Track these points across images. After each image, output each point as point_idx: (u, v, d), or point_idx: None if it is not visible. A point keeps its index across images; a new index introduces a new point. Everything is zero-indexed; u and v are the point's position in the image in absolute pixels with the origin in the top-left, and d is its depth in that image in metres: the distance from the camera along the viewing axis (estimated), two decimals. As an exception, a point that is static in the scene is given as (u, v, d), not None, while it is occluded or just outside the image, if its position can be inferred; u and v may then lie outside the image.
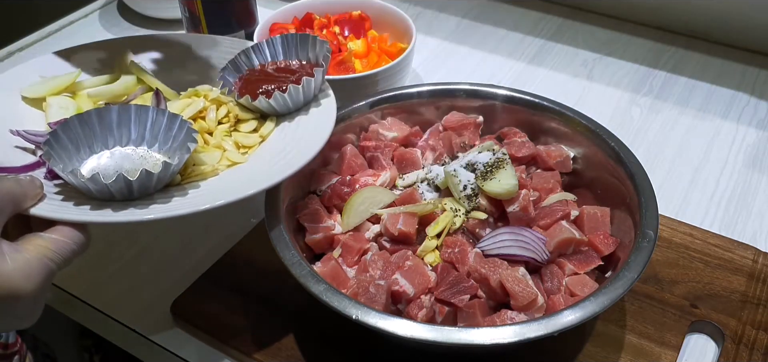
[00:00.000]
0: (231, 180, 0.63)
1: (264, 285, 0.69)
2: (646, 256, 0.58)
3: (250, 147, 0.68)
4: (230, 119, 0.70)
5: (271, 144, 0.68)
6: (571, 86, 0.98)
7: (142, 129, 0.64)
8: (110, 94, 0.71)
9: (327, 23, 0.94)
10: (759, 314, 0.65)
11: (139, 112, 0.63)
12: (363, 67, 0.88)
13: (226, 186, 0.61)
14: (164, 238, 0.76)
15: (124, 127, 0.63)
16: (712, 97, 0.96)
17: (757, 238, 0.75)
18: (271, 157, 0.65)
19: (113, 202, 0.56)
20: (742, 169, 0.84)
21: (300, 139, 0.66)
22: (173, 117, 0.63)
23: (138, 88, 0.73)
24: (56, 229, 0.52)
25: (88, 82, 0.72)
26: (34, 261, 0.49)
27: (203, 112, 0.69)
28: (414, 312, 0.59)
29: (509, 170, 0.66)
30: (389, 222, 0.64)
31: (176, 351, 0.66)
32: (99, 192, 0.56)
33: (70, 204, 0.55)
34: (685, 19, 1.06)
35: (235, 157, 0.66)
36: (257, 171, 0.63)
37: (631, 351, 0.62)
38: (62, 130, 0.59)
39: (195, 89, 0.72)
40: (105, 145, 0.63)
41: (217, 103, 0.70)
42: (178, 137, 0.63)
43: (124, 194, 0.56)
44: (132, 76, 0.73)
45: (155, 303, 0.70)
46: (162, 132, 0.64)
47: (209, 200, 0.57)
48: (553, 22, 1.11)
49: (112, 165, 0.61)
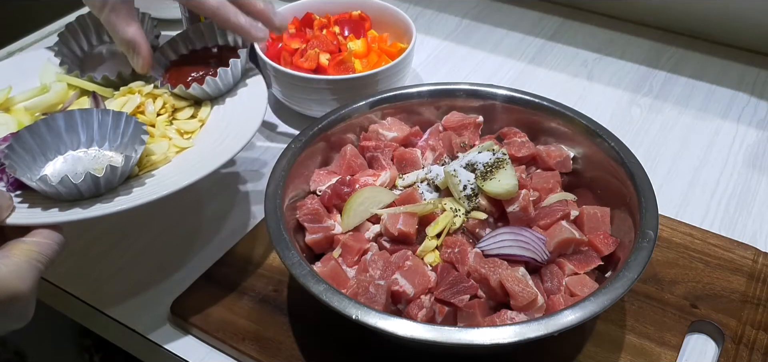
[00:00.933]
0: (184, 164, 0.66)
1: (264, 285, 0.69)
2: (646, 256, 0.58)
3: (192, 132, 0.72)
4: (167, 109, 0.74)
5: (212, 125, 0.72)
6: (571, 86, 0.98)
7: (90, 131, 0.67)
8: (45, 104, 0.73)
9: (327, 23, 0.94)
10: (759, 314, 0.65)
11: (84, 115, 0.67)
12: (363, 67, 0.88)
13: (182, 171, 0.64)
14: (164, 238, 0.76)
15: (73, 132, 0.66)
16: (712, 97, 0.96)
17: (757, 238, 0.75)
18: (216, 138, 0.69)
19: (81, 201, 0.59)
20: (742, 169, 0.84)
21: (239, 116, 0.72)
22: (118, 114, 0.67)
23: (71, 94, 0.75)
24: (35, 233, 0.55)
25: (19, 97, 0.74)
26: (24, 263, 0.52)
27: (141, 107, 0.73)
28: (414, 312, 0.59)
29: (509, 170, 0.66)
30: (389, 222, 0.64)
31: (176, 351, 0.66)
32: (68, 194, 0.59)
33: (38, 209, 0.58)
34: (685, 19, 1.06)
35: (181, 143, 0.70)
36: (207, 152, 0.67)
37: (631, 351, 0.62)
38: (16, 143, 0.62)
39: (129, 86, 0.75)
40: (57, 152, 0.65)
41: (152, 96, 0.74)
42: (127, 132, 0.66)
43: (92, 191, 0.60)
44: (62, 84, 0.75)
45: (155, 303, 0.70)
46: (110, 130, 0.67)
47: (171, 185, 0.61)
48: (553, 22, 1.11)
49: (67, 169, 0.64)
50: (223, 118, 0.73)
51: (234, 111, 0.73)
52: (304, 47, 0.89)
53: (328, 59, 0.87)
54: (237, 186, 0.83)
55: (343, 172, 0.71)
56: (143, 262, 0.74)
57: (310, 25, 0.94)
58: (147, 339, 0.67)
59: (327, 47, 0.88)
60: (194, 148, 0.69)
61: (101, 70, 0.79)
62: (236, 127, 0.69)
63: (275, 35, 0.93)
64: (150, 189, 0.61)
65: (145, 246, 0.75)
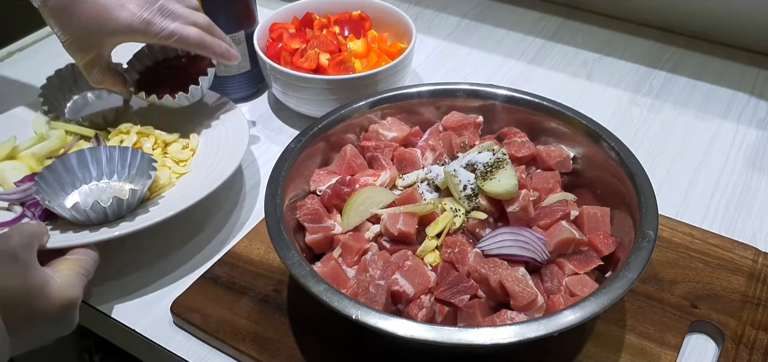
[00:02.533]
0: (188, 187, 0.75)
1: (264, 285, 0.69)
2: (646, 256, 0.58)
3: (186, 160, 0.81)
4: (159, 144, 0.82)
5: (203, 152, 0.81)
6: (570, 86, 0.98)
7: (100, 166, 0.76)
8: (49, 149, 0.81)
9: (327, 23, 0.94)
10: (759, 314, 0.65)
11: (94, 153, 0.76)
12: (363, 67, 0.88)
13: (187, 193, 0.73)
14: (164, 239, 0.76)
15: (85, 168, 0.76)
16: (712, 97, 0.96)
17: (757, 238, 0.75)
18: (210, 161, 0.78)
19: (107, 223, 0.69)
20: (742, 168, 0.84)
21: (227, 140, 0.80)
22: (124, 149, 0.76)
23: (71, 139, 0.83)
24: (74, 252, 0.63)
25: (22, 145, 0.81)
26: (73, 275, 0.60)
27: (137, 144, 0.81)
28: (414, 312, 0.59)
29: (509, 170, 0.66)
30: (389, 222, 0.64)
31: (176, 351, 0.66)
32: (96, 218, 0.68)
33: (70, 232, 0.68)
34: (685, 19, 1.06)
35: (180, 170, 0.79)
36: (205, 174, 0.77)
37: (631, 351, 0.62)
38: (41, 180, 0.71)
39: (118, 128, 0.83)
40: (73, 186, 0.75)
41: (144, 134, 0.83)
42: (134, 164, 0.76)
43: (116, 214, 0.69)
44: (60, 131, 0.82)
45: (155, 303, 0.70)
46: (117, 164, 0.76)
47: (181, 203, 0.70)
48: (553, 22, 1.11)
49: (84, 200, 0.74)
50: (212, 144, 0.81)
51: (219, 138, 0.82)
52: (304, 47, 0.89)
53: (328, 59, 0.88)
54: (237, 186, 0.83)
55: (343, 172, 0.71)
56: (143, 262, 0.74)
57: (310, 25, 0.94)
58: (147, 339, 0.67)
59: (327, 47, 0.88)
60: (192, 173, 0.78)
61: (85, 114, 0.87)
62: (226, 153, 0.78)
63: (275, 35, 0.93)
64: (163, 208, 0.71)
65: (145, 246, 0.75)
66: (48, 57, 1.08)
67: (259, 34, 0.91)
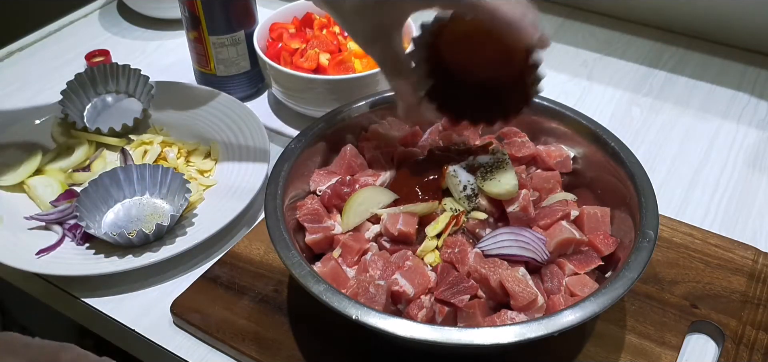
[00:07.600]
0: (219, 201, 0.77)
1: (264, 285, 0.69)
2: (646, 256, 0.58)
3: (209, 170, 0.82)
4: (182, 153, 0.83)
5: (224, 159, 0.83)
6: (571, 86, 0.98)
7: (132, 185, 0.78)
8: (75, 162, 0.83)
9: (327, 23, 0.94)
10: (759, 314, 0.65)
11: (126, 172, 0.78)
12: (363, 67, 0.88)
13: (220, 207, 0.76)
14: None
15: (117, 188, 0.78)
16: (712, 97, 0.96)
17: (757, 238, 0.75)
18: (234, 170, 0.81)
19: (149, 244, 0.72)
20: (742, 168, 0.84)
21: (247, 145, 0.82)
22: (155, 168, 0.78)
23: (95, 150, 0.84)
24: None
25: (44, 158, 0.82)
26: None
27: (162, 154, 0.83)
28: (414, 313, 0.59)
29: (509, 170, 0.66)
30: (389, 222, 0.64)
31: (176, 351, 0.66)
32: (139, 241, 0.72)
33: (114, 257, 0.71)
34: (685, 19, 1.06)
35: (206, 181, 0.81)
36: (232, 186, 0.79)
37: (631, 351, 0.62)
38: (79, 204, 0.73)
39: (140, 138, 0.84)
40: (107, 205, 0.77)
41: (167, 144, 0.83)
42: (165, 182, 0.78)
43: (156, 235, 0.72)
44: (84, 144, 0.84)
45: (155, 303, 0.70)
46: (148, 182, 0.78)
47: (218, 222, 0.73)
48: (553, 22, 1.11)
49: (122, 217, 0.77)
50: (232, 151, 0.83)
51: (240, 148, 0.83)
52: (304, 47, 0.89)
53: (328, 59, 0.87)
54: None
55: (343, 172, 0.71)
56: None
57: (310, 25, 0.94)
58: (147, 340, 0.67)
59: (327, 47, 0.88)
60: (218, 185, 0.80)
61: (104, 119, 0.88)
62: (250, 164, 0.80)
63: (275, 35, 0.93)
64: (199, 229, 0.74)
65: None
66: (48, 57, 1.08)
67: (259, 34, 0.91)
